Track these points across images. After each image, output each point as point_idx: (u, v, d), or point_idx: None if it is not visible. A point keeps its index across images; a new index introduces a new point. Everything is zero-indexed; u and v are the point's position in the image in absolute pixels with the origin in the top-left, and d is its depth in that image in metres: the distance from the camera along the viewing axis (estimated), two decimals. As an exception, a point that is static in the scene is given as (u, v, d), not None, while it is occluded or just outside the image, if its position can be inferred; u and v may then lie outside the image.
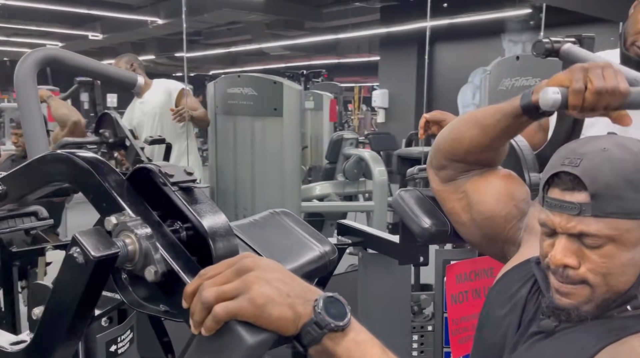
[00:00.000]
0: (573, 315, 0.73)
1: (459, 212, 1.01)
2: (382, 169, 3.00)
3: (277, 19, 8.38)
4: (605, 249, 0.69)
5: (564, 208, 0.71)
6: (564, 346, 0.73)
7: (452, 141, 0.99)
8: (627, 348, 0.65)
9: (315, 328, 0.54)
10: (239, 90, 2.82)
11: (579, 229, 0.69)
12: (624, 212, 0.68)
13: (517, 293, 0.85)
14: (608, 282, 0.70)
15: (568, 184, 0.71)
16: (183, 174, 0.64)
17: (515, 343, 0.80)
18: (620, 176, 0.68)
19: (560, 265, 0.72)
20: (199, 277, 0.57)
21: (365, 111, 11.03)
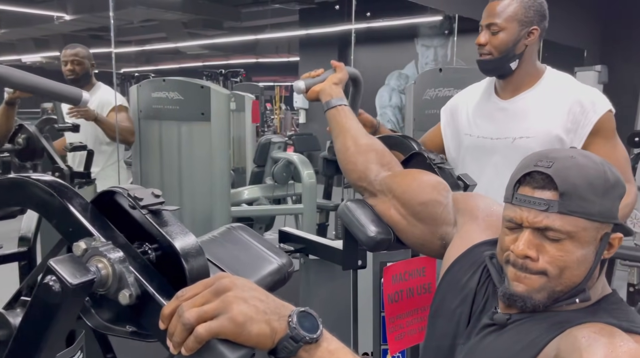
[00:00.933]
0: (527, 302, 0.80)
1: (397, 218, 1.09)
2: (311, 172, 3.06)
3: (195, 18, 8.19)
4: (564, 244, 0.77)
5: (533, 203, 0.78)
6: (514, 339, 0.79)
7: (342, 162, 1.21)
8: (571, 338, 0.72)
9: (291, 343, 0.58)
10: (164, 94, 2.75)
11: (545, 223, 0.77)
12: (584, 212, 0.77)
13: (466, 284, 0.92)
14: (563, 275, 0.78)
15: (540, 182, 0.79)
16: (151, 197, 0.65)
17: (468, 333, 0.87)
18: (586, 180, 0.77)
19: (522, 256, 0.79)
20: (176, 298, 0.59)
21: (285, 111, 11.06)
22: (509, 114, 1.52)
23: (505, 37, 1.46)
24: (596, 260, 0.79)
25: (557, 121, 1.46)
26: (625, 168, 1.46)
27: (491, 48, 1.47)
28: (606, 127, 1.45)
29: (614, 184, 0.79)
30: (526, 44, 1.48)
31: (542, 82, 1.53)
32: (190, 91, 2.71)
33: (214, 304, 0.57)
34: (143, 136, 2.88)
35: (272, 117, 10.80)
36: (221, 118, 2.69)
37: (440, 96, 2.15)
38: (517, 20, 1.45)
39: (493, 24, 1.46)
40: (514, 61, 1.48)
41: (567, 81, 1.53)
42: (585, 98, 1.46)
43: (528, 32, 1.47)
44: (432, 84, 2.19)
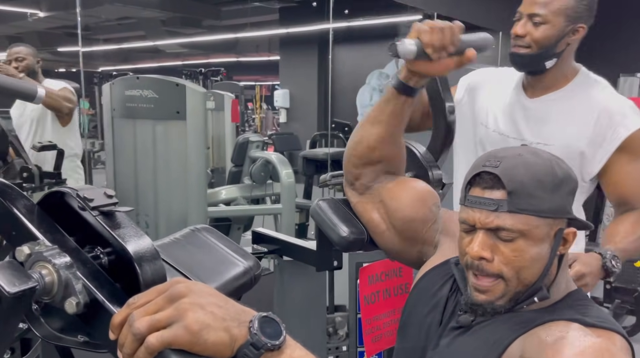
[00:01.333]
0: (488, 309, 0.80)
1: (378, 222, 1.06)
2: (290, 172, 3.03)
3: (174, 16, 8.09)
4: (517, 243, 0.77)
5: (484, 204, 0.78)
6: (480, 340, 0.79)
7: (355, 145, 1.07)
8: (535, 339, 0.73)
9: (252, 350, 0.54)
10: (138, 92, 2.69)
11: (496, 223, 0.77)
12: (534, 209, 0.76)
13: (438, 292, 0.91)
14: (519, 275, 0.78)
15: (488, 182, 0.78)
16: (103, 198, 0.61)
17: (437, 338, 0.86)
18: (533, 177, 0.77)
19: (476, 258, 0.79)
20: (127, 306, 0.55)
21: (266, 110, 11.01)
22: (530, 114, 1.38)
23: (549, 32, 1.27)
24: (551, 256, 0.79)
25: (581, 132, 1.31)
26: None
27: (531, 41, 1.29)
28: (634, 145, 1.30)
29: (563, 179, 0.79)
30: (569, 42, 1.30)
31: (572, 84, 1.36)
32: (165, 89, 2.65)
33: (167, 312, 0.54)
34: (117, 135, 2.81)
35: (253, 117, 10.74)
36: (197, 117, 2.65)
37: (417, 93, 2.13)
38: (566, 14, 1.27)
39: (536, 15, 1.27)
40: (552, 59, 1.31)
41: (599, 86, 1.37)
42: (616, 110, 1.31)
43: (574, 29, 1.29)
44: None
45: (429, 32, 0.94)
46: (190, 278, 0.69)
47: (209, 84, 7.77)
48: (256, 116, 10.48)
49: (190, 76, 8.05)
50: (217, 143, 4.38)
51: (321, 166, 4.11)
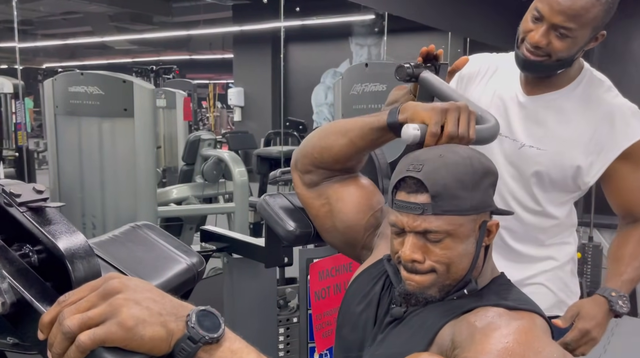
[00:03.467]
0: (420, 298, 0.84)
1: (323, 219, 1.07)
2: (243, 170, 3.00)
3: (122, 11, 7.84)
4: (445, 242, 0.80)
5: (410, 208, 0.80)
6: (413, 328, 0.83)
7: (321, 149, 1.04)
8: (465, 324, 0.77)
9: (189, 344, 0.53)
10: (82, 89, 2.60)
11: (423, 227, 0.80)
12: (458, 210, 0.80)
13: (371, 290, 0.94)
14: (449, 270, 0.82)
15: (412, 187, 0.80)
16: (32, 193, 0.59)
17: (374, 335, 0.89)
18: (454, 178, 0.79)
19: (409, 261, 0.82)
20: (57, 304, 0.53)
21: (220, 109, 10.86)
22: (526, 113, 1.27)
23: (573, 45, 1.15)
24: (477, 249, 0.83)
25: (578, 140, 1.22)
26: None
27: (550, 51, 1.16)
28: (637, 154, 1.22)
29: (483, 174, 0.82)
30: (587, 49, 1.21)
31: (575, 84, 1.26)
32: (111, 85, 2.57)
33: (99, 308, 0.52)
34: (60, 133, 2.70)
35: (208, 116, 10.57)
36: (145, 114, 2.58)
37: (367, 91, 2.16)
38: (593, 26, 1.14)
39: (563, 27, 1.13)
40: (565, 67, 1.22)
41: (602, 88, 1.27)
42: (618, 117, 1.21)
43: (595, 37, 1.19)
44: (358, 80, 2.19)
45: (434, 137, 0.86)
46: (128, 275, 0.68)
47: (161, 82, 7.59)
48: (210, 115, 10.32)
49: (141, 73, 7.82)
50: (169, 141, 4.29)
51: (275, 164, 4.09)
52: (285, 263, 1.37)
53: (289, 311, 1.57)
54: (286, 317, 1.49)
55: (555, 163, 1.24)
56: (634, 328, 3.44)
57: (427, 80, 1.11)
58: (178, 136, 4.16)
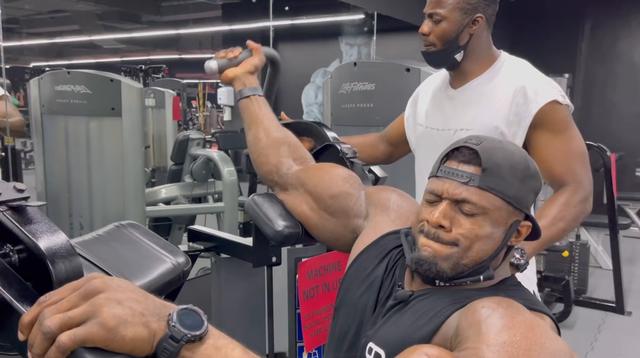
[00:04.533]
0: (432, 268, 0.80)
1: (308, 213, 1.06)
2: (232, 170, 2.99)
3: (110, 10, 7.78)
4: (477, 218, 0.79)
5: (457, 175, 0.80)
6: (419, 312, 0.80)
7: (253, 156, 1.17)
8: (471, 310, 0.73)
9: (172, 343, 0.53)
10: (69, 88, 2.57)
11: (464, 196, 0.79)
12: (502, 191, 0.79)
13: (372, 273, 0.91)
14: (472, 248, 0.79)
15: (466, 156, 0.80)
16: (12, 192, 0.58)
17: (375, 319, 0.86)
18: (508, 162, 0.80)
19: (435, 225, 0.80)
20: (38, 305, 0.52)
21: (210, 109, 10.81)
22: (455, 104, 1.42)
23: (448, 27, 1.34)
24: (504, 241, 0.81)
25: (499, 113, 1.34)
26: (577, 165, 1.32)
27: (434, 38, 1.36)
28: (551, 119, 1.30)
29: (533, 175, 0.83)
30: (471, 33, 1.35)
31: (492, 68, 1.40)
32: (98, 84, 2.55)
33: (80, 308, 0.51)
34: (47, 132, 2.67)
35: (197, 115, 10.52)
36: (133, 114, 2.55)
37: (356, 90, 2.16)
38: (460, 8, 1.33)
39: (435, 13, 1.34)
40: (459, 52, 1.37)
41: (516, 67, 1.39)
42: (530, 87, 1.32)
43: (472, 20, 1.34)
44: (347, 79, 2.19)
45: None
46: (112, 275, 0.67)
47: (150, 81, 7.54)
48: (200, 114, 10.27)
49: (130, 72, 7.77)
50: (158, 141, 4.27)
51: (265, 163, 4.08)
52: (273, 263, 1.37)
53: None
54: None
55: None
56: (620, 325, 3.47)
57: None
58: (167, 136, 4.14)
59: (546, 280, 3.44)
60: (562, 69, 5.35)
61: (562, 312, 3.37)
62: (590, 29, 6.26)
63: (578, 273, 3.81)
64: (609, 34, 6.18)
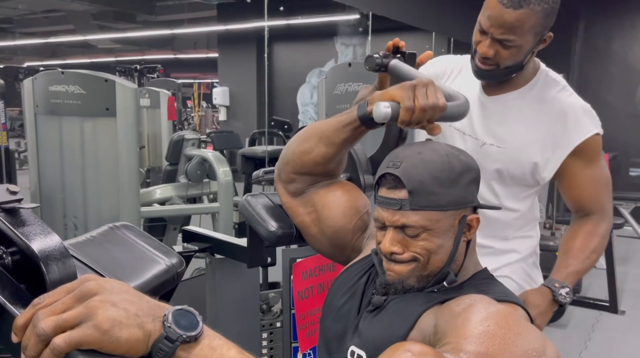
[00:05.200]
0: (399, 287, 0.86)
1: (309, 225, 1.08)
2: (227, 170, 2.98)
3: (104, 9, 7.75)
4: (422, 237, 0.83)
5: (389, 204, 0.83)
6: (393, 314, 0.84)
7: (300, 154, 1.05)
8: (447, 309, 0.78)
9: (167, 343, 0.53)
10: (63, 88, 2.56)
11: (402, 221, 0.82)
12: (434, 205, 0.82)
13: (357, 282, 0.95)
14: (429, 261, 0.84)
15: (392, 183, 0.83)
16: (5, 194, 0.58)
17: (356, 324, 0.90)
18: (431, 175, 0.82)
19: (388, 253, 0.84)
20: (32, 307, 0.52)
21: (205, 109, 10.80)
22: (487, 113, 1.33)
23: (519, 53, 1.22)
24: (456, 243, 0.85)
25: (534, 137, 1.28)
26: (602, 195, 1.32)
27: (499, 60, 1.23)
28: (589, 151, 1.28)
29: (461, 172, 0.84)
30: (535, 51, 1.27)
31: (531, 84, 1.32)
32: (92, 84, 2.54)
33: (75, 311, 0.51)
34: (40, 133, 2.66)
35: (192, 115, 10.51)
36: (128, 114, 2.55)
37: (350, 90, 2.16)
38: (534, 32, 1.20)
39: (506, 40, 1.19)
40: (519, 70, 1.28)
41: (557, 87, 1.32)
42: (571, 115, 1.27)
43: (542, 39, 1.24)
44: (342, 79, 2.19)
45: (409, 112, 0.88)
46: (105, 277, 0.67)
47: (145, 81, 7.52)
48: (195, 114, 10.26)
49: (125, 72, 7.75)
50: (153, 141, 4.26)
51: (260, 163, 4.09)
52: (268, 263, 1.37)
53: (272, 316, 1.56)
54: (269, 321, 1.48)
55: (513, 160, 1.30)
56: (614, 324, 3.49)
57: (397, 67, 1.13)
58: (162, 136, 4.13)
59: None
60: (557, 69, 5.36)
61: (556, 311, 3.37)
62: (584, 29, 6.29)
63: (572, 272, 3.82)
64: (603, 35, 6.22)
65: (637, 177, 6.13)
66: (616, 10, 6.11)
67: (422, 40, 5.68)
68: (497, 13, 1.17)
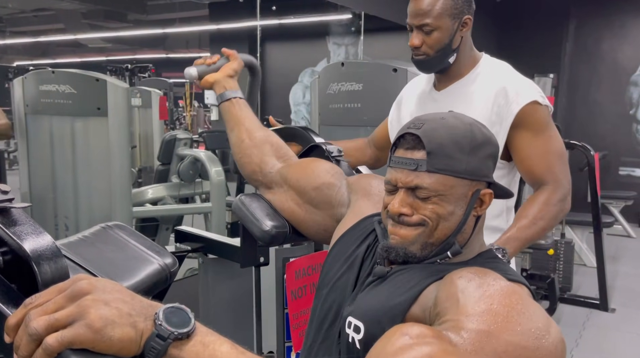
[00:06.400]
0: (401, 253, 0.82)
1: (296, 209, 1.08)
2: (219, 170, 2.98)
3: (95, 8, 7.70)
4: (434, 201, 0.80)
5: (405, 163, 0.81)
6: (396, 285, 0.81)
7: (237, 157, 1.19)
8: (448, 281, 0.74)
9: (159, 341, 0.53)
10: (54, 87, 2.54)
11: (415, 182, 0.79)
12: (451, 170, 0.79)
13: (353, 253, 0.92)
14: (437, 226, 0.81)
15: (411, 143, 0.81)
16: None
17: (355, 295, 0.87)
18: (451, 139, 0.80)
19: (396, 214, 0.81)
20: (24, 306, 0.52)
21: (197, 108, 10.76)
22: (438, 106, 1.41)
23: (440, 35, 1.34)
24: (466, 214, 0.82)
25: (481, 113, 1.34)
26: (556, 165, 1.35)
27: (426, 48, 1.36)
28: (531, 119, 1.33)
29: (482, 143, 0.82)
30: (461, 35, 1.37)
31: (475, 71, 1.42)
32: (84, 84, 2.52)
33: (67, 310, 0.51)
34: (31, 133, 2.64)
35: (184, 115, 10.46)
36: (120, 113, 2.53)
37: (343, 90, 2.16)
38: (449, 14, 1.33)
39: (424, 25, 1.33)
40: (452, 55, 1.38)
41: (498, 69, 1.42)
42: (511, 88, 1.35)
43: (461, 22, 1.35)
44: (335, 79, 2.20)
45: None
46: (98, 276, 0.67)
47: (137, 81, 7.48)
48: (187, 114, 10.22)
49: (116, 71, 7.70)
50: (144, 141, 4.24)
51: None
52: (261, 263, 1.37)
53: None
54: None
55: None
56: (604, 321, 3.52)
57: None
58: (154, 136, 4.11)
59: (532, 278, 3.48)
60: (547, 69, 5.41)
61: (547, 309, 3.41)
62: (574, 30, 6.34)
63: (563, 270, 3.85)
64: (592, 35, 6.27)
65: (626, 176, 6.19)
66: (605, 11, 6.16)
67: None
68: (413, 5, 1.35)
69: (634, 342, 3.25)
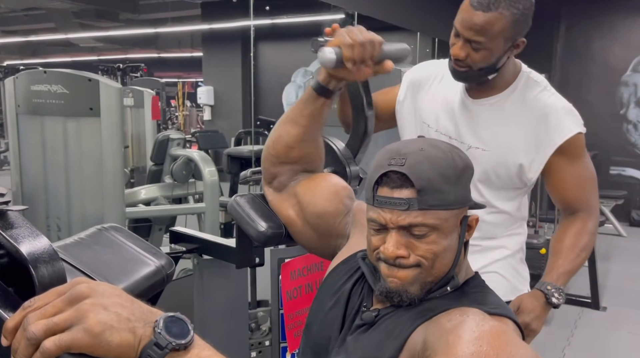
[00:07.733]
0: (403, 296, 0.80)
1: (294, 219, 1.06)
2: (213, 170, 2.97)
3: (86, 7, 7.65)
4: (430, 237, 0.78)
5: (394, 204, 0.77)
6: (383, 332, 0.80)
7: (273, 143, 1.07)
8: (437, 325, 0.74)
9: (156, 350, 0.52)
10: (46, 87, 2.52)
11: (408, 221, 0.77)
12: (443, 204, 0.78)
13: (341, 287, 0.91)
14: (434, 265, 0.79)
15: (397, 182, 0.78)
16: (-8, 196, 0.57)
17: (343, 336, 0.86)
18: (437, 171, 0.77)
19: (393, 257, 0.78)
20: (22, 310, 0.52)
21: (190, 108, 10.73)
22: (471, 117, 1.36)
23: (488, 55, 1.25)
24: (460, 244, 0.82)
25: (518, 138, 1.31)
26: (590, 192, 1.35)
27: (471, 62, 1.27)
28: (572, 149, 1.30)
29: (463, 169, 0.81)
30: (509, 56, 1.30)
31: (513, 87, 1.35)
32: (76, 84, 2.50)
33: (66, 314, 0.51)
34: (22, 133, 2.62)
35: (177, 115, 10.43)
36: (112, 114, 2.52)
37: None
38: (504, 37, 1.23)
39: (475, 41, 1.24)
40: (494, 73, 1.30)
41: (538, 88, 1.34)
42: (552, 116, 1.30)
43: (515, 44, 1.28)
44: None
45: (350, 47, 0.93)
46: (95, 279, 0.66)
47: (129, 81, 7.45)
48: (179, 114, 10.18)
49: (107, 71, 7.67)
50: (137, 141, 4.22)
51: (246, 163, 4.08)
52: (257, 264, 1.37)
53: (260, 334, 1.54)
54: (258, 340, 1.46)
55: (499, 163, 1.33)
56: (596, 320, 3.56)
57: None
58: (146, 136, 4.10)
59: (524, 277, 3.50)
60: (538, 69, 5.43)
61: (539, 308, 3.43)
62: (565, 31, 6.38)
63: (555, 269, 3.87)
64: (583, 36, 6.31)
65: (617, 175, 6.25)
66: (596, 12, 6.21)
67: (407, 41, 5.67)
68: (468, 15, 1.23)
69: (625, 340, 3.29)
